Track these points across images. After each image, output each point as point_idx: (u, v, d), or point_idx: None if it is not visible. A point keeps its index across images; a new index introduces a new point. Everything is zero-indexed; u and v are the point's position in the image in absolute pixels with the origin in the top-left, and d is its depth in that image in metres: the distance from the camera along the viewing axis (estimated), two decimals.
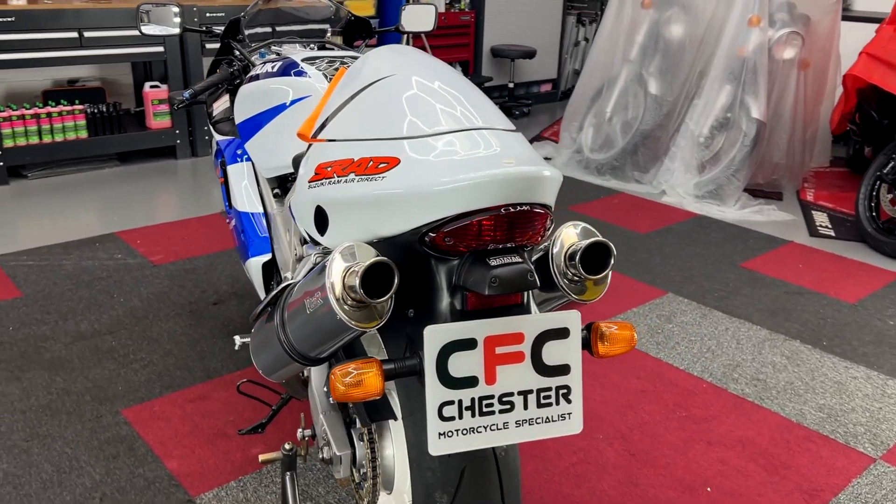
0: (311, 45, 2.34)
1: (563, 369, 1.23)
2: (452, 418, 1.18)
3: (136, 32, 2.39)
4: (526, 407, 1.22)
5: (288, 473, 1.72)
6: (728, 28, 4.69)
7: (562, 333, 1.22)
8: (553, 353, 1.22)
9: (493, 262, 1.16)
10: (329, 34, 2.52)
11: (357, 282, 1.13)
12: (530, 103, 6.73)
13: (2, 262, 3.34)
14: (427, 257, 1.22)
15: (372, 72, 1.42)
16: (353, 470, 1.57)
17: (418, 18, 2.55)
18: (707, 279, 3.51)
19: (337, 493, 2.06)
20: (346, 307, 1.18)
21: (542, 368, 1.22)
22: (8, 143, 4.32)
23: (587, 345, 1.31)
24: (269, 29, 2.46)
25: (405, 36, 5.57)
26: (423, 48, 5.72)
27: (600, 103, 5.16)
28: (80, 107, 4.48)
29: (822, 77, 5.06)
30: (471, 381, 1.18)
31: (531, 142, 5.75)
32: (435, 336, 1.15)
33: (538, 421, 1.23)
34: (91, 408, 2.37)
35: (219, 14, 4.73)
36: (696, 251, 3.85)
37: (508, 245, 1.20)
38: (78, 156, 4.59)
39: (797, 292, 3.40)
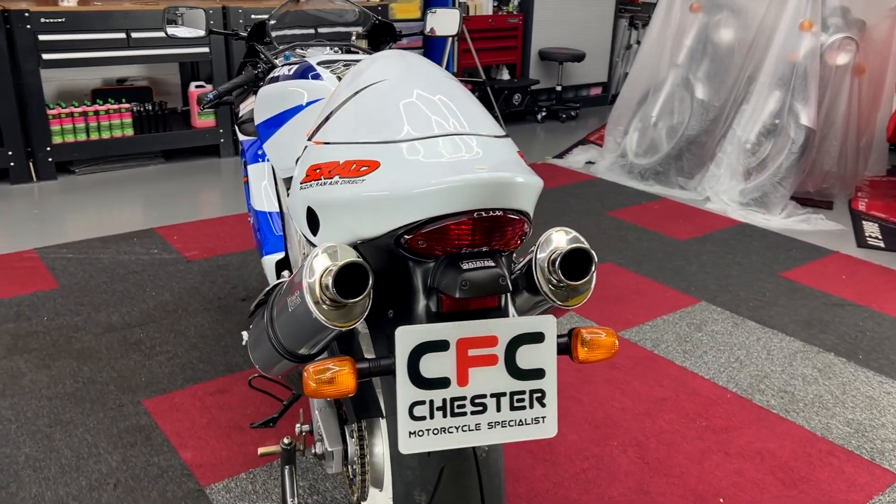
0: (336, 49, 2.36)
1: (538, 373, 1.22)
2: (423, 418, 1.18)
3: None
4: (499, 409, 1.21)
5: (287, 467, 1.74)
6: (779, 33, 4.57)
7: (536, 338, 1.21)
8: (527, 357, 1.21)
9: (465, 266, 1.17)
10: (354, 38, 2.55)
11: (330, 282, 1.14)
12: (578, 106, 6.67)
13: (43, 255, 3.46)
14: (405, 260, 1.23)
15: (366, 77, 1.43)
16: (346, 466, 1.58)
17: (443, 23, 2.57)
18: (743, 288, 3.41)
19: (343, 488, 2.08)
20: (323, 307, 1.19)
21: (515, 372, 1.21)
22: (57, 140, 4.48)
23: (568, 350, 1.30)
24: (294, 32, 2.49)
25: (449, 39, 5.59)
26: (469, 51, 5.73)
27: (646, 108, 5.09)
28: (127, 105, 4.63)
29: (879, 84, 4.88)
30: (443, 382, 1.18)
31: (576, 145, 5.71)
32: (406, 337, 1.16)
33: (511, 423, 1.22)
34: (114, 397, 2.44)
35: (263, 16, 4.81)
36: (734, 259, 3.75)
37: (483, 249, 1.20)
38: (124, 153, 4.74)
39: (837, 304, 3.29)
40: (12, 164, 4.39)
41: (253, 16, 4.80)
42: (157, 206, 4.18)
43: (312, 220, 1.42)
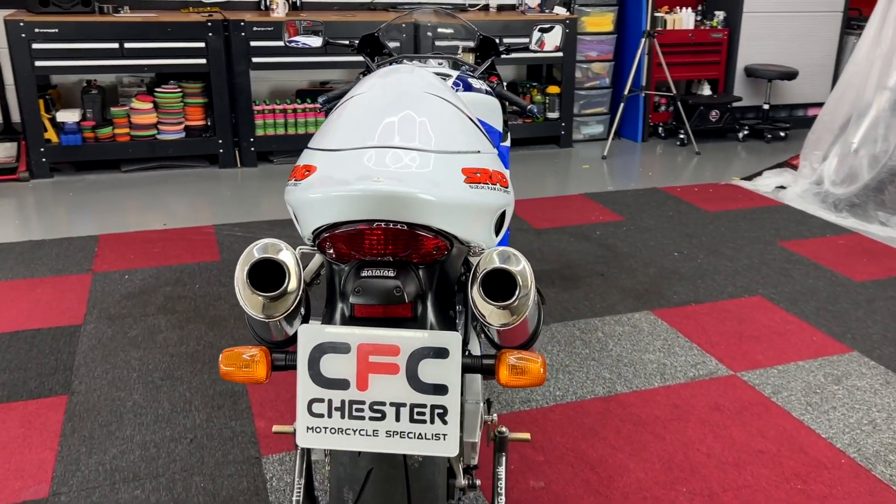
0: (441, 62, 2.43)
1: (441, 389, 1.21)
2: (322, 416, 1.22)
3: None
4: (398, 419, 1.22)
5: (299, 448, 1.83)
6: None
7: (440, 353, 1.20)
8: (430, 371, 1.21)
9: (364, 273, 1.21)
10: (461, 51, 2.61)
11: (244, 275, 1.20)
12: (788, 127, 6.13)
13: (218, 231, 3.88)
14: (329, 262, 1.29)
15: (359, 89, 1.50)
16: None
17: (549, 38, 2.56)
18: None
19: None
20: (258, 298, 1.24)
21: (417, 385, 1.22)
22: (259, 133, 5.05)
23: (491, 371, 1.27)
24: (406, 43, 2.59)
25: (638, 53, 5.41)
26: (660, 65, 5.50)
27: (848, 132, 4.58)
28: (319, 105, 5.03)
29: None
30: (342, 384, 1.21)
31: (771, 168, 5.24)
32: (307, 335, 1.20)
33: (410, 435, 1.22)
34: None
35: (449, 30, 5.00)
36: None
37: (391, 259, 1.23)
38: None
39: None
40: (221, 150, 5.00)
41: (439, 29, 5.00)
42: None
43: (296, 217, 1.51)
